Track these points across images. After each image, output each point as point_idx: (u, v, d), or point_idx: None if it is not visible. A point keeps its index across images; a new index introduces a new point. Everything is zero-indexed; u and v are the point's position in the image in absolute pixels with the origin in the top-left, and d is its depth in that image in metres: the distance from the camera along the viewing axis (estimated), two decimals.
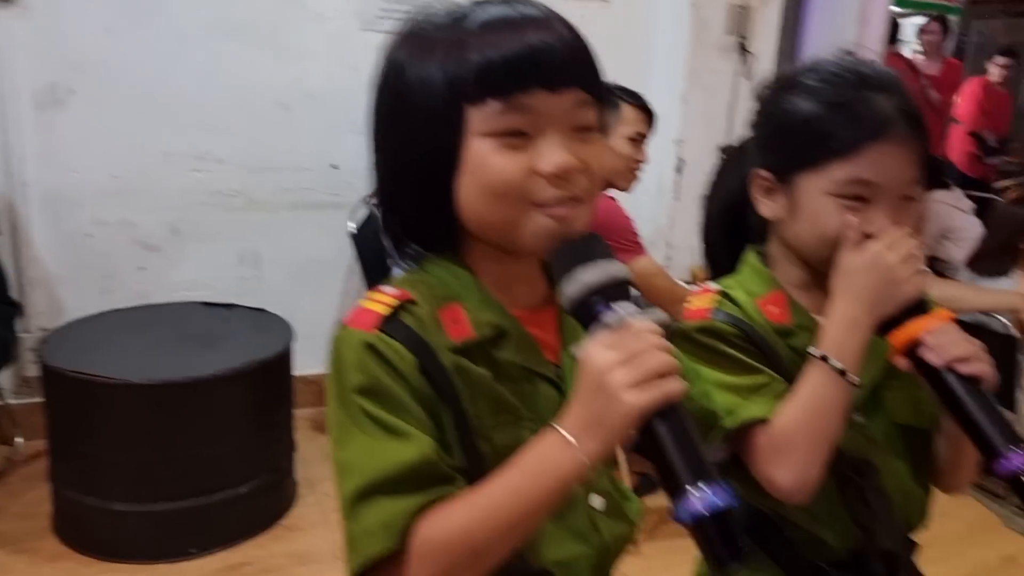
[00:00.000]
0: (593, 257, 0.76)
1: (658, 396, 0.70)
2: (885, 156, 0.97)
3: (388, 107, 0.84)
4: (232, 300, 2.92)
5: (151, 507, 2.38)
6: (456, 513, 0.76)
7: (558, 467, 0.73)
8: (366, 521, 0.76)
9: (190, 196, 3.02)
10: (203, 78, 2.93)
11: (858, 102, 0.98)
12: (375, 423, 0.77)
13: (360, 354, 0.79)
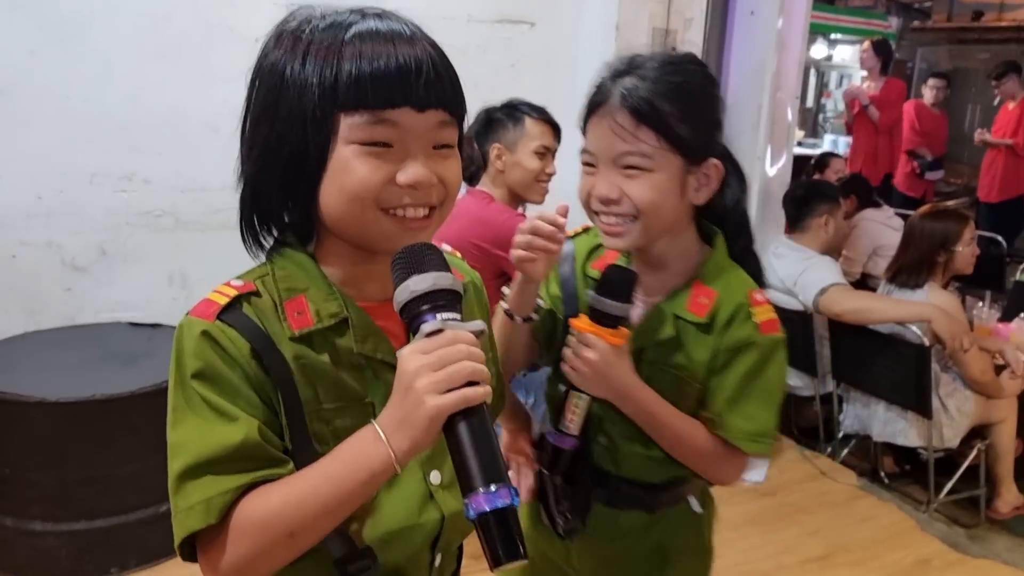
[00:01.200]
0: (426, 266, 0.82)
1: (459, 401, 0.77)
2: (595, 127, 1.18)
3: (263, 104, 0.87)
4: (162, 320, 2.92)
5: (71, 526, 2.37)
6: (275, 494, 0.82)
7: (369, 460, 0.79)
8: (190, 497, 0.81)
9: (118, 217, 3.02)
10: (129, 99, 2.94)
11: (597, 83, 1.21)
12: (207, 406, 0.83)
13: (198, 342, 0.84)
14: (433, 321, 0.80)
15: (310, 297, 0.90)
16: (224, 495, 0.81)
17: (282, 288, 0.90)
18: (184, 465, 0.82)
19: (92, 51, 2.88)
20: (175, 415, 0.85)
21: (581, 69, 3.61)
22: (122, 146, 2.97)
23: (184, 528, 0.82)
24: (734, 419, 1.21)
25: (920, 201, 6.37)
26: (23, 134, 2.85)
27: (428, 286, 0.80)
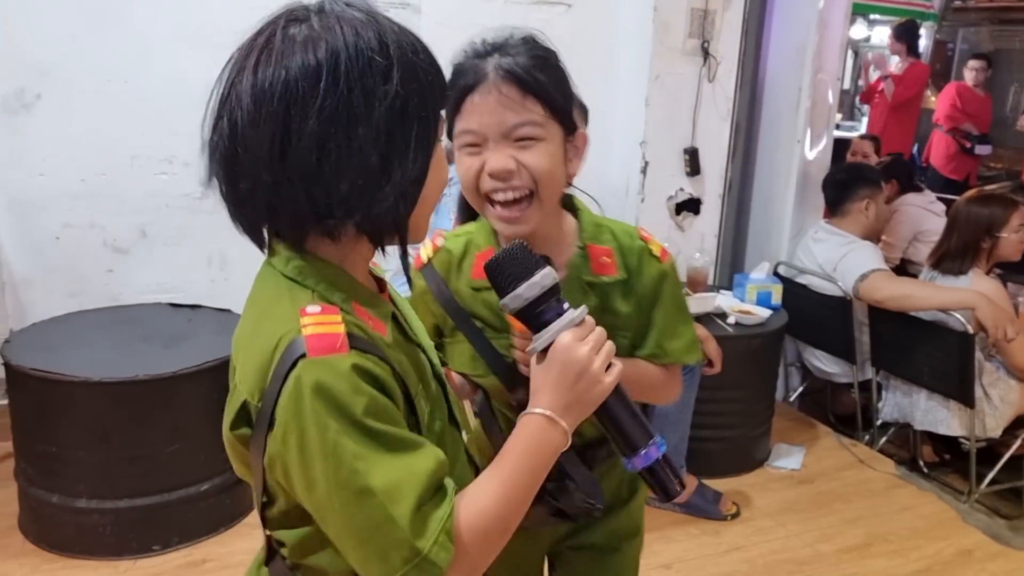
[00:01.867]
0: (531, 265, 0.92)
1: (619, 375, 0.92)
2: (478, 106, 1.14)
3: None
4: (201, 302, 2.95)
5: (114, 504, 2.41)
6: (483, 501, 0.85)
7: (552, 442, 0.90)
8: (432, 534, 0.79)
9: (158, 199, 3.06)
10: (167, 82, 2.96)
11: (462, 67, 1.16)
12: (393, 440, 0.80)
13: (351, 379, 0.78)
14: (574, 313, 0.92)
15: (360, 301, 0.89)
16: (450, 519, 0.81)
17: (338, 300, 0.86)
18: (412, 506, 0.79)
19: (132, 34, 2.91)
20: (362, 465, 0.78)
21: (618, 50, 3.58)
22: (162, 129, 3.00)
23: (444, 562, 0.80)
24: (672, 344, 1.31)
25: (962, 184, 6.24)
26: (66, 117, 2.89)
27: (550, 283, 0.92)
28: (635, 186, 3.62)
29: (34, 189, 2.91)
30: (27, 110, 2.85)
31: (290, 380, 0.78)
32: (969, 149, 6.57)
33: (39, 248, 2.97)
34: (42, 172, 2.90)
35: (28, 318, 2.90)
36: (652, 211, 3.63)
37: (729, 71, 3.58)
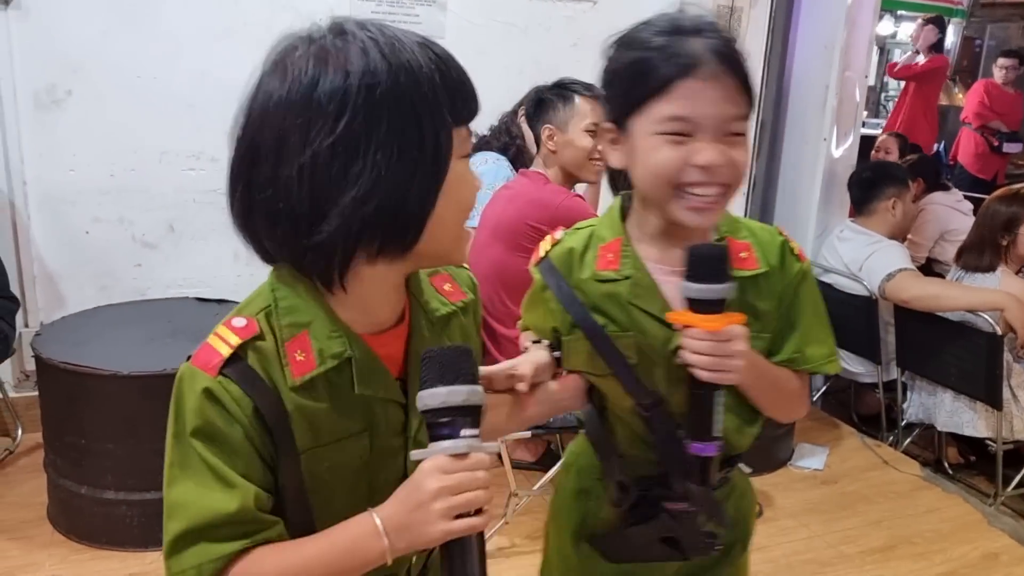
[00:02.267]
0: (459, 377, 0.82)
1: (466, 529, 0.81)
2: (696, 92, 1.03)
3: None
4: (228, 297, 2.98)
5: (142, 496, 2.44)
6: (269, 564, 0.84)
7: (366, 552, 0.83)
8: (184, 562, 0.83)
9: (186, 194, 3.09)
10: (198, 79, 3.00)
11: (672, 43, 1.05)
12: (206, 467, 0.83)
13: (199, 399, 0.83)
14: (458, 442, 0.81)
15: (313, 334, 0.87)
16: (216, 562, 0.83)
17: (284, 324, 0.86)
18: (180, 529, 0.83)
19: (162, 31, 2.94)
20: (171, 472, 0.85)
21: None
22: (190, 125, 3.03)
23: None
24: (813, 349, 1.20)
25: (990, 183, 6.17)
26: (96, 113, 2.93)
27: (460, 400, 0.82)
28: None
29: (64, 184, 2.95)
30: (58, 106, 2.88)
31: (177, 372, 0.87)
32: (997, 147, 6.50)
33: (69, 243, 3.01)
34: (72, 167, 2.94)
35: (58, 312, 2.94)
36: None
37: (755, 68, 3.55)
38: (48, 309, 3.01)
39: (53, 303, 3.02)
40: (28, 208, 2.93)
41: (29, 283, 2.98)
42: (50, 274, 3.02)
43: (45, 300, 3.02)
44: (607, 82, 1.14)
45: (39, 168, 2.91)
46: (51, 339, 2.53)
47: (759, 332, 1.17)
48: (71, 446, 2.44)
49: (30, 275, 2.98)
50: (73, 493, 2.46)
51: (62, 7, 2.81)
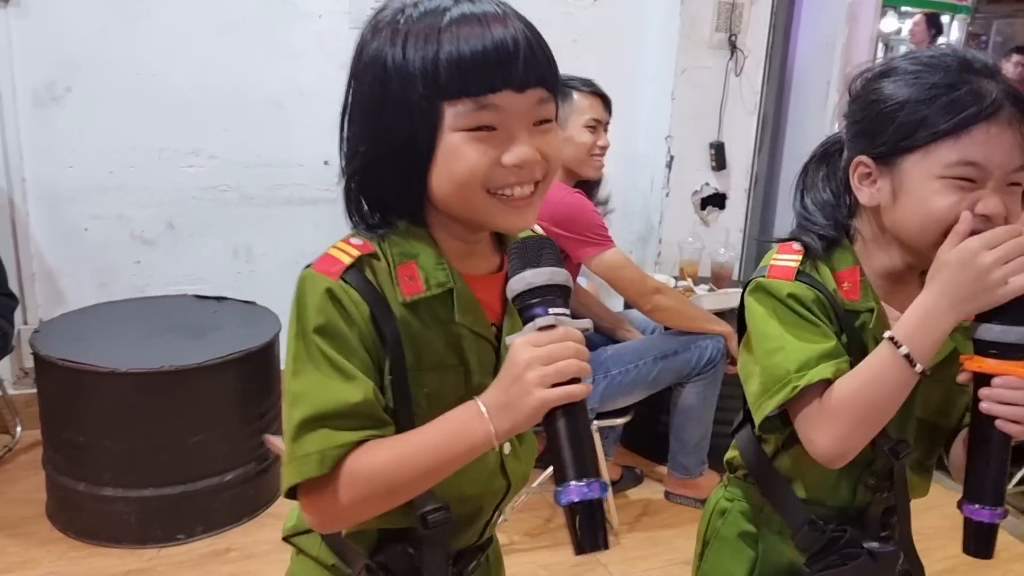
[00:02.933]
0: (542, 260, 0.86)
1: (563, 396, 0.81)
2: (993, 137, 0.98)
3: (370, 96, 0.90)
4: (226, 294, 2.98)
5: (140, 493, 2.44)
6: (381, 453, 0.87)
7: (471, 435, 0.84)
8: (308, 446, 0.86)
9: (184, 191, 3.09)
10: (197, 76, 2.99)
11: (964, 83, 1.00)
12: (328, 361, 0.87)
13: (321, 298, 0.88)
14: (546, 316, 0.83)
15: (421, 264, 0.93)
16: (339, 448, 0.86)
17: (395, 252, 0.92)
18: (305, 415, 0.87)
19: (161, 28, 2.94)
20: (296, 364, 0.89)
21: (644, 44, 3.56)
22: (189, 122, 3.03)
23: (300, 474, 0.86)
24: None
25: None
26: (95, 110, 2.92)
27: (544, 280, 0.84)
28: (660, 181, 3.61)
29: (63, 181, 2.94)
30: (57, 103, 2.88)
31: (299, 277, 0.92)
32: None
33: (68, 239, 3.00)
34: (71, 164, 2.94)
35: (57, 309, 2.94)
36: (677, 206, 3.61)
37: (756, 65, 3.55)
38: (47, 306, 3.01)
39: (52, 300, 3.02)
40: (27, 205, 2.92)
41: (28, 280, 2.98)
42: (49, 271, 3.02)
43: (44, 297, 3.02)
44: (870, 116, 1.07)
45: (38, 165, 2.90)
46: (50, 336, 2.53)
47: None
48: (70, 443, 2.44)
49: (29, 272, 2.98)
50: (72, 490, 2.46)
51: (61, 4, 2.81)
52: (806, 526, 1.16)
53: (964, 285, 0.96)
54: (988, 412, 0.97)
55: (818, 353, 1.04)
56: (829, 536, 1.15)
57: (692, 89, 3.48)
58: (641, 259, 3.66)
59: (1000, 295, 0.95)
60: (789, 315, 1.07)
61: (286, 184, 3.20)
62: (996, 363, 0.96)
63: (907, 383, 0.99)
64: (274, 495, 2.73)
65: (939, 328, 0.98)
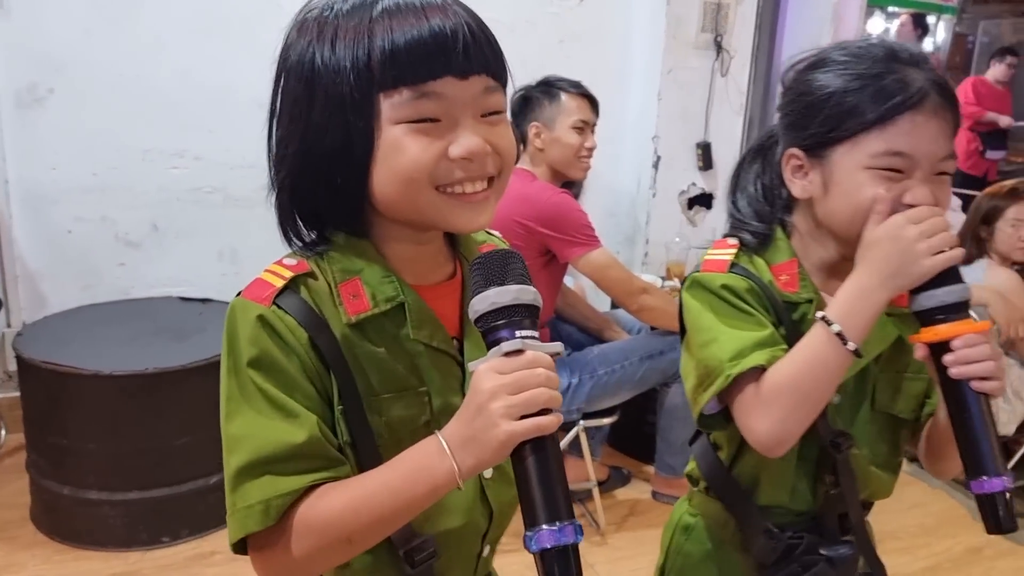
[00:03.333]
0: (507, 277, 0.77)
1: (532, 429, 0.73)
2: (919, 127, 0.98)
3: (295, 97, 0.83)
4: (212, 295, 2.97)
5: (125, 496, 2.43)
6: (334, 499, 0.79)
7: (432, 474, 0.76)
8: (250, 496, 0.79)
9: (169, 193, 3.07)
10: (180, 77, 2.98)
11: (891, 73, 0.99)
12: (265, 399, 0.80)
13: (253, 327, 0.80)
14: (513, 340, 0.75)
15: (365, 279, 0.86)
16: (284, 497, 0.78)
17: (336, 269, 0.86)
18: (242, 462, 0.80)
19: (144, 29, 2.92)
20: (230, 405, 0.82)
21: (630, 45, 3.56)
22: (173, 123, 3.01)
23: (242, 528, 0.79)
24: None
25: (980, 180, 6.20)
26: (78, 112, 2.90)
27: (510, 300, 0.76)
28: (647, 181, 3.61)
29: (46, 183, 2.92)
30: (40, 104, 2.86)
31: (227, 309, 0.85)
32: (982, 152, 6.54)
33: (51, 242, 2.99)
34: (54, 166, 2.92)
35: (40, 311, 2.92)
36: (664, 206, 3.62)
37: (742, 65, 3.56)
38: (30, 309, 2.99)
39: (35, 303, 3.00)
40: (10, 207, 2.90)
41: (11, 283, 2.96)
42: (32, 273, 3.00)
43: (27, 300, 3.00)
44: (799, 108, 1.06)
45: (21, 167, 2.88)
46: (33, 339, 2.51)
47: (917, 375, 1.11)
48: (53, 446, 2.43)
49: (12, 275, 2.96)
50: (56, 494, 2.45)
51: (44, 6, 2.79)
52: (763, 535, 1.14)
53: (891, 260, 0.96)
54: (960, 376, 0.94)
55: (752, 341, 1.02)
56: (786, 544, 1.13)
57: (678, 89, 3.48)
58: (628, 259, 3.66)
59: (927, 266, 0.95)
60: (723, 306, 1.06)
61: None
62: (949, 327, 0.95)
63: (841, 362, 0.98)
64: None
65: (871, 305, 0.97)
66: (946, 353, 0.95)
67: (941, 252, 0.95)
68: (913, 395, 1.13)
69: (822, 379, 0.99)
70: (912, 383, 1.12)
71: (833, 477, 1.10)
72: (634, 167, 3.66)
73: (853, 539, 1.13)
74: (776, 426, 0.99)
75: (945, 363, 0.95)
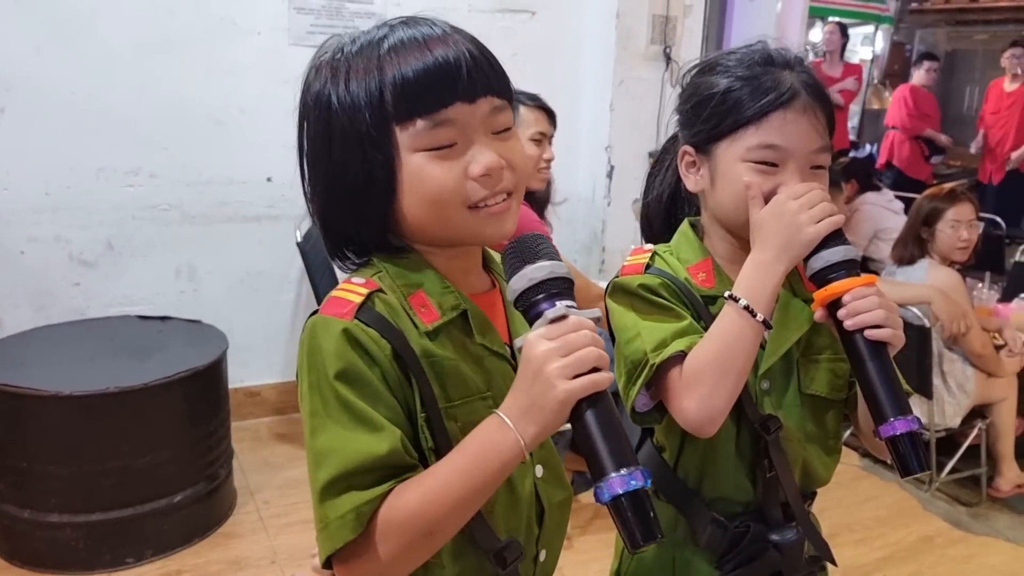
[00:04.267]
0: (540, 256, 0.83)
1: (588, 385, 0.77)
2: (790, 123, 1.07)
3: (317, 137, 0.89)
4: (170, 313, 2.96)
5: (87, 518, 2.40)
6: (409, 495, 0.82)
7: (499, 449, 0.79)
8: (340, 508, 0.81)
9: (124, 211, 3.05)
10: (135, 94, 2.96)
11: (766, 75, 1.08)
12: (350, 412, 0.83)
13: (338, 341, 0.83)
14: (555, 308, 0.80)
15: (428, 291, 0.90)
16: (370, 504, 0.81)
17: (400, 284, 0.90)
18: (331, 475, 0.82)
19: (97, 46, 2.90)
20: (314, 420, 0.84)
21: (582, 57, 3.63)
22: (128, 140, 3.00)
23: (339, 539, 0.81)
24: None
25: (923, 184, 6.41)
26: (30, 130, 2.87)
27: (546, 274, 0.82)
28: (601, 190, 3.68)
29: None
30: None
31: (304, 327, 0.88)
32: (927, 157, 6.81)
33: (3, 263, 2.94)
34: (6, 186, 2.88)
35: None
36: (619, 214, 3.69)
37: None
38: None
39: None
40: None
41: None
42: None
43: None
44: (690, 107, 1.15)
45: None
46: None
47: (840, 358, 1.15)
48: (12, 469, 2.39)
49: None
50: (16, 518, 2.41)
51: None
52: (710, 525, 1.17)
53: (780, 233, 1.04)
54: (854, 326, 0.99)
55: (672, 331, 1.08)
56: (732, 532, 1.16)
57: (630, 100, 3.56)
58: (585, 267, 3.72)
59: (812, 232, 1.02)
60: (642, 304, 1.12)
61: (229, 201, 3.19)
62: (839, 283, 1.01)
63: (753, 334, 1.04)
64: (225, 514, 2.71)
65: (771, 277, 1.05)
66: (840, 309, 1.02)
67: (823, 220, 1.03)
68: (837, 375, 1.18)
69: (739, 353, 1.04)
70: (834, 363, 1.18)
71: (768, 461, 1.14)
72: (589, 176, 3.72)
73: (797, 524, 1.17)
74: (704, 403, 1.04)
75: (839, 317, 1.00)
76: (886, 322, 0.99)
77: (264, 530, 2.66)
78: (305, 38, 3.14)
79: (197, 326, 2.84)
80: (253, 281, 3.28)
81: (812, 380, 1.17)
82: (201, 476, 2.57)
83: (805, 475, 1.19)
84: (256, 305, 3.28)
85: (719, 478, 1.18)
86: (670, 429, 1.16)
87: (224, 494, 2.71)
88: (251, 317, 3.27)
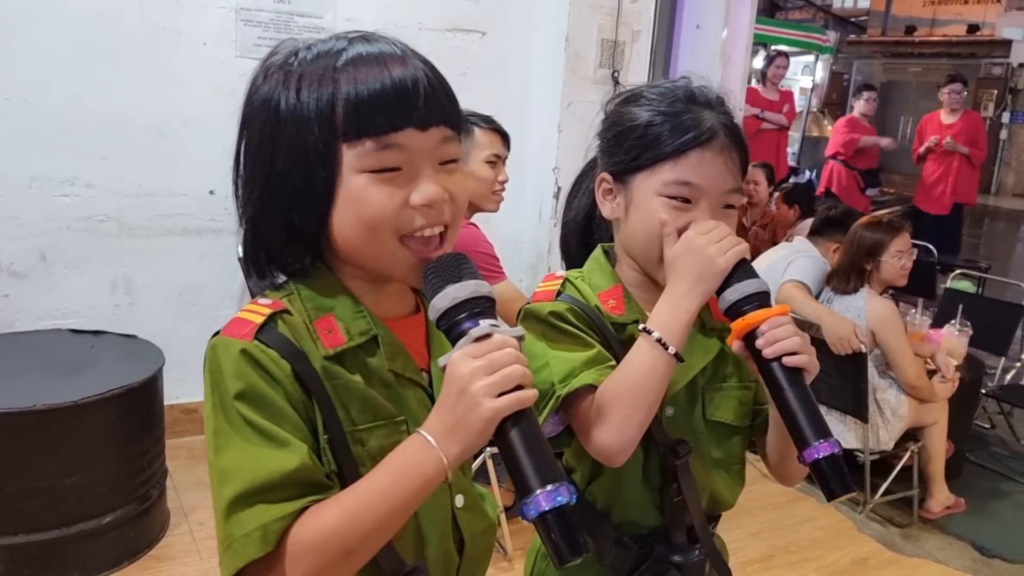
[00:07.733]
0: (462, 275, 0.83)
1: (514, 403, 0.77)
2: (706, 162, 1.09)
3: (260, 141, 0.86)
4: (105, 327, 2.87)
5: (9, 540, 2.30)
6: (327, 514, 0.80)
7: (422, 468, 0.78)
8: (245, 525, 0.79)
9: (59, 221, 2.96)
10: (72, 103, 2.89)
11: (687, 113, 1.10)
12: (254, 429, 0.81)
13: (237, 362, 0.82)
14: (480, 326, 0.80)
15: (338, 315, 0.89)
16: (280, 521, 0.78)
17: (309, 307, 0.89)
18: (236, 492, 0.79)
19: (34, 52, 2.82)
20: (218, 439, 0.82)
21: (531, 78, 3.66)
22: (64, 150, 2.92)
23: (243, 557, 0.78)
24: None
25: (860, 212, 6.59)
26: None
27: (469, 293, 0.81)
28: (548, 211, 3.70)
29: None
30: None
31: (207, 347, 0.86)
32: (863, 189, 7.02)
33: None
34: None
35: None
36: None
37: None
38: None
39: None
40: None
41: None
42: None
43: None
44: (612, 136, 1.16)
45: None
46: None
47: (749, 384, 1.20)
48: None
49: None
50: None
51: None
52: (615, 547, 1.20)
53: (692, 268, 1.06)
54: (772, 354, 1.01)
55: (581, 361, 1.09)
56: (636, 553, 1.18)
57: (578, 122, 3.59)
58: (531, 287, 3.71)
59: (722, 264, 1.05)
60: (552, 332, 1.12)
61: (169, 214, 3.12)
62: (757, 313, 1.03)
63: (666, 367, 1.06)
64: (157, 536, 2.63)
65: (684, 312, 1.06)
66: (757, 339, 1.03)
67: (730, 251, 1.05)
68: (741, 403, 1.21)
69: (651, 385, 1.06)
70: (738, 392, 1.21)
71: (676, 484, 1.16)
72: (536, 197, 3.74)
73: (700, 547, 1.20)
74: (615, 434, 1.05)
75: (758, 347, 1.02)
76: (802, 349, 1.01)
77: (197, 552, 2.59)
78: (252, 50, 3.09)
79: (132, 341, 2.76)
80: (192, 296, 3.21)
81: (717, 407, 1.20)
82: (133, 496, 2.49)
83: (711, 499, 1.22)
84: (195, 320, 3.20)
85: (626, 503, 1.20)
86: (581, 453, 1.17)
87: (156, 515, 2.63)
88: (189, 332, 3.17)
